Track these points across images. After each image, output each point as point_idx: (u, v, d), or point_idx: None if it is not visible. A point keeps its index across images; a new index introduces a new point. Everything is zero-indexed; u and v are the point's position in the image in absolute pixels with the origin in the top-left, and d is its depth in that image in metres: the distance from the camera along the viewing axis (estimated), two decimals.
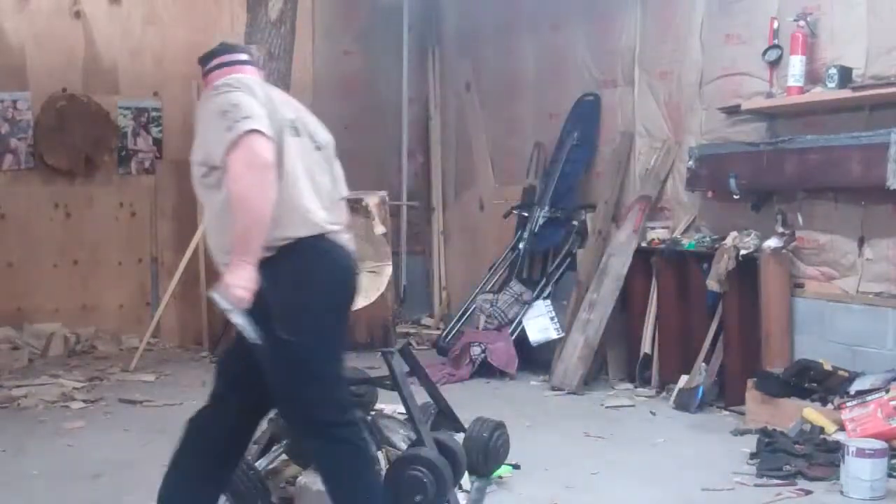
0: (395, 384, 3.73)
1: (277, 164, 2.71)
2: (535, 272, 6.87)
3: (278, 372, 2.81)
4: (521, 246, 6.80)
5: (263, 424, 3.55)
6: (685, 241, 5.64)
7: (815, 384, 4.68)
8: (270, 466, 3.70)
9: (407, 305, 8.29)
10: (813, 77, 4.97)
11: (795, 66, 4.95)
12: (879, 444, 3.83)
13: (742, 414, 4.99)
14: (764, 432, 4.49)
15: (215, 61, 2.95)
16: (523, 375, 6.23)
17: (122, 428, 4.92)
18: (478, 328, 6.74)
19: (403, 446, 3.66)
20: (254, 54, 3.35)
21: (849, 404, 4.28)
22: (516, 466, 4.13)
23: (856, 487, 3.78)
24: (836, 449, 4.03)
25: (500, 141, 7.73)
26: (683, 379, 5.40)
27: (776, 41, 5.17)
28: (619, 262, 5.96)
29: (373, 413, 3.91)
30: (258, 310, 2.68)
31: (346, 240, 2.95)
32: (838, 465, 3.89)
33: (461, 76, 8.16)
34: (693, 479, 4.03)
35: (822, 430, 4.32)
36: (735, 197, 5.35)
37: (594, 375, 6.01)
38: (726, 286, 5.18)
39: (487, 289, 6.92)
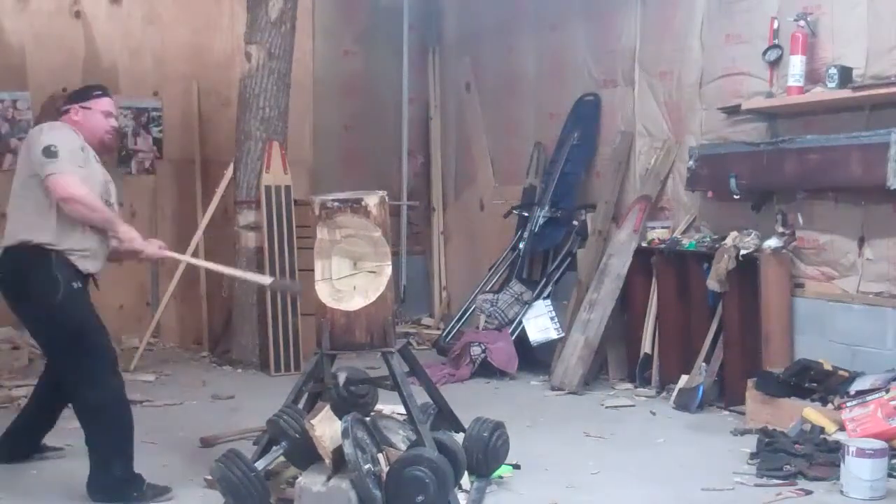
0: (395, 384, 3.73)
1: None
2: (535, 272, 6.87)
3: None
4: (521, 246, 6.81)
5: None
6: (685, 241, 5.64)
7: (815, 384, 4.67)
8: (270, 467, 3.70)
9: (407, 305, 8.29)
10: (813, 77, 4.97)
11: (795, 66, 4.95)
12: (879, 444, 3.83)
13: (742, 414, 4.99)
14: (764, 432, 4.49)
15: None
16: (523, 375, 6.23)
17: None
18: (478, 328, 6.74)
19: (403, 446, 3.65)
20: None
21: (849, 404, 4.28)
22: (516, 466, 4.13)
23: (856, 487, 3.77)
24: (836, 449, 4.03)
25: (500, 141, 7.73)
26: (683, 379, 5.40)
27: (776, 41, 5.17)
28: (619, 262, 5.96)
29: (373, 413, 3.91)
30: None
31: None
32: (838, 465, 3.89)
33: (461, 76, 8.16)
34: (693, 479, 4.03)
35: (822, 430, 4.32)
36: (735, 197, 5.35)
37: (594, 375, 6.01)
38: (726, 286, 5.18)
39: (487, 289, 6.92)
